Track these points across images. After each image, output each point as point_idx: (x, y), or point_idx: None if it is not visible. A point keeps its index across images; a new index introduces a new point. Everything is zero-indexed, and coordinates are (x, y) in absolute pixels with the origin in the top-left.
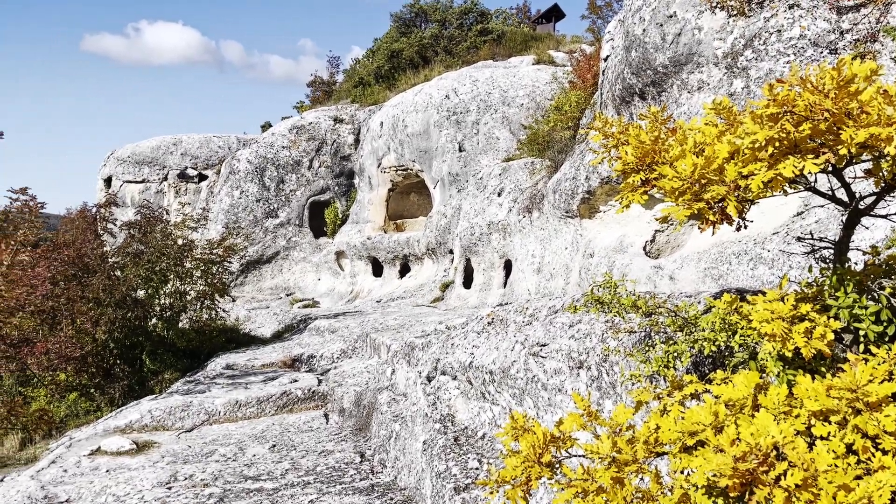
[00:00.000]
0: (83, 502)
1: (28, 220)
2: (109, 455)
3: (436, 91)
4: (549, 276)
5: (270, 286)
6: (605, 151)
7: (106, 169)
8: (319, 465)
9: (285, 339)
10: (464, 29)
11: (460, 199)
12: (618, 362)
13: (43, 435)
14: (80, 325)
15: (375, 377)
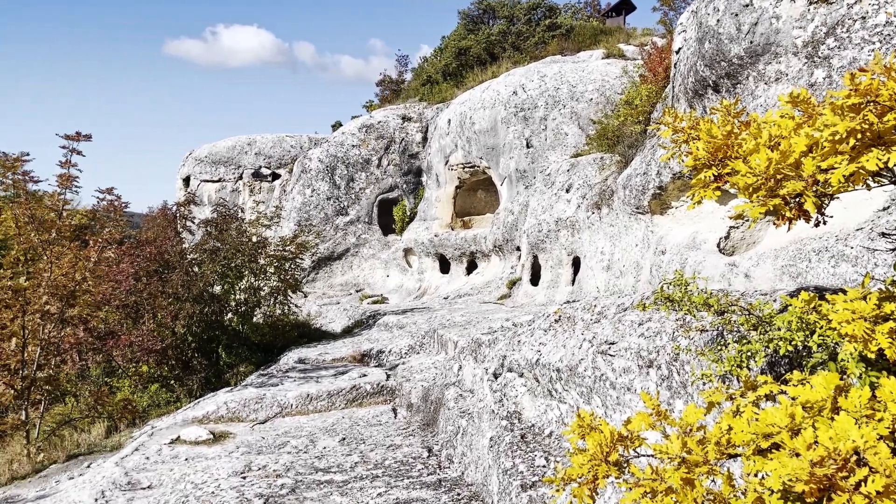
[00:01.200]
0: (164, 489)
1: (113, 219)
2: (188, 444)
3: (503, 87)
4: (618, 273)
5: (341, 282)
6: (675, 146)
7: (185, 169)
8: (388, 458)
9: (355, 334)
10: (532, 24)
11: (527, 196)
12: (689, 361)
13: (127, 424)
14: (160, 319)
15: (442, 373)
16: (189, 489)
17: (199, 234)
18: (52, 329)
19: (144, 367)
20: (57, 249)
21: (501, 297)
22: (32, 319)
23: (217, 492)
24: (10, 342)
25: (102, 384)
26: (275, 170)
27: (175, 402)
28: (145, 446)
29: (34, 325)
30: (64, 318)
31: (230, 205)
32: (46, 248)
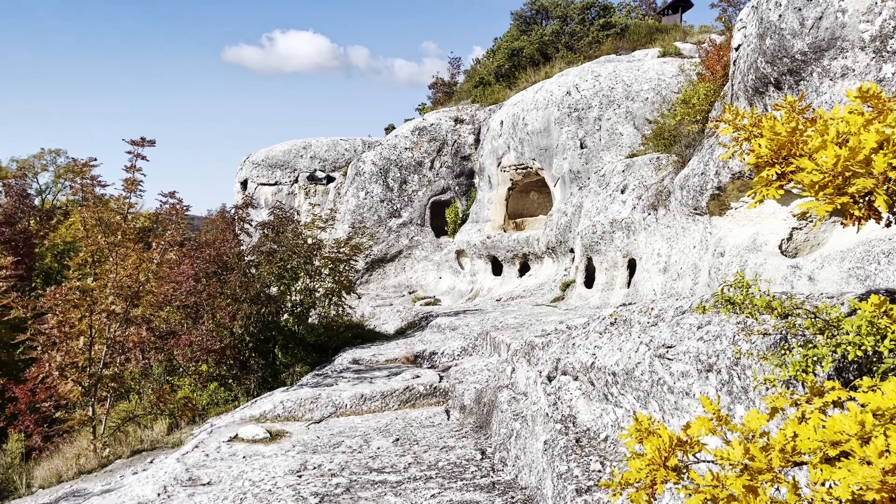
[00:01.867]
0: (223, 485)
1: (175, 222)
2: (246, 442)
3: (556, 88)
4: (675, 275)
5: (394, 284)
6: (735, 145)
7: (242, 172)
8: (441, 460)
9: (408, 335)
10: (585, 24)
11: (581, 197)
12: (750, 366)
13: (187, 421)
14: (219, 320)
15: (495, 375)
16: (247, 486)
17: (256, 236)
18: (117, 328)
19: (204, 367)
20: (122, 251)
21: (555, 299)
22: (99, 319)
23: (274, 489)
24: (79, 340)
25: (164, 382)
26: (329, 173)
27: (233, 400)
28: (205, 443)
29: (100, 325)
30: (128, 318)
31: (286, 207)
32: (112, 249)
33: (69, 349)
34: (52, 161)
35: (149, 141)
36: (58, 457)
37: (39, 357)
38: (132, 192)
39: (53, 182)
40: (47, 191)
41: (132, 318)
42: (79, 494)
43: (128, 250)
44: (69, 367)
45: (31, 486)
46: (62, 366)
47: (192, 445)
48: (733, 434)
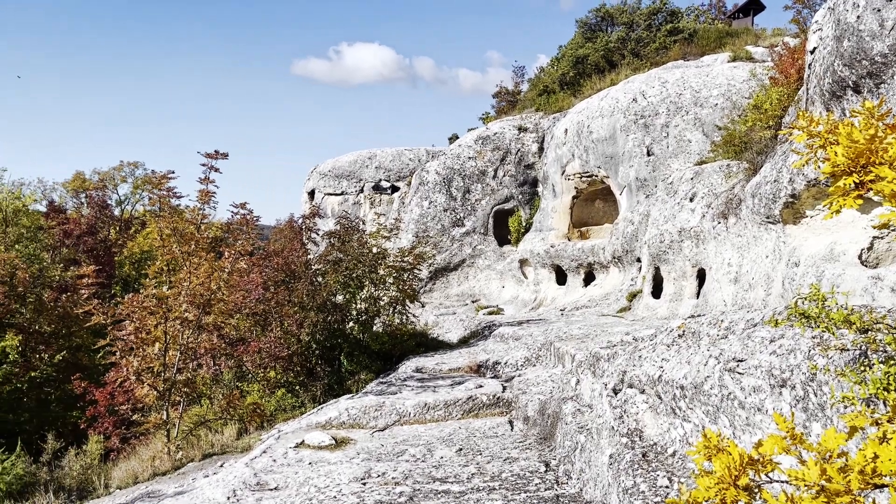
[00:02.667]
0: (289, 490)
1: (246, 232)
2: (311, 449)
3: (622, 95)
4: (747, 286)
5: (457, 293)
6: (810, 152)
7: (310, 182)
8: (504, 471)
9: (471, 344)
10: (652, 30)
11: (648, 206)
12: (827, 382)
13: (256, 426)
14: (286, 327)
15: (560, 386)
16: (313, 492)
17: (322, 245)
18: (190, 335)
19: (272, 373)
20: (195, 260)
21: (621, 309)
22: (173, 326)
23: (339, 496)
24: (154, 346)
25: (234, 388)
26: (394, 182)
27: (300, 407)
28: (272, 449)
29: (174, 331)
30: (200, 325)
31: (352, 217)
32: (186, 259)
33: (145, 354)
34: (130, 173)
35: (222, 154)
36: (134, 458)
37: (118, 362)
38: (206, 203)
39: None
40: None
41: (204, 325)
42: (153, 496)
43: (201, 259)
44: (145, 371)
45: (109, 486)
46: (139, 370)
47: (261, 451)
48: (809, 453)
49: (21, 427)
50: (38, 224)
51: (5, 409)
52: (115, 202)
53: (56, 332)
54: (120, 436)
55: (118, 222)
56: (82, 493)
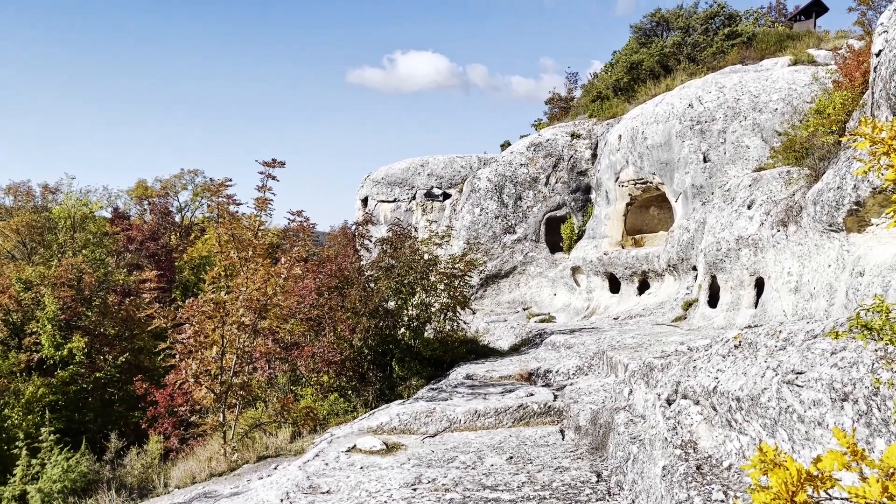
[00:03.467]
0: (340, 494)
1: (302, 239)
2: (363, 453)
3: (678, 100)
4: (808, 296)
5: (508, 300)
6: (872, 159)
7: (363, 190)
8: (555, 480)
9: (522, 352)
10: (709, 34)
11: (704, 213)
12: (891, 396)
13: (309, 430)
14: (339, 332)
15: (612, 396)
16: (364, 497)
17: (375, 251)
18: (246, 339)
19: (325, 378)
20: (252, 266)
21: (676, 318)
22: (230, 330)
23: (389, 501)
24: (212, 350)
25: (288, 392)
26: (446, 189)
27: (352, 411)
28: (325, 453)
29: (231, 335)
30: (256, 330)
31: (404, 224)
32: (244, 264)
33: (203, 358)
34: (190, 180)
35: (279, 162)
36: (192, 459)
37: (177, 364)
38: (263, 210)
39: (192, 200)
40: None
41: (260, 330)
42: (210, 496)
43: (257, 265)
44: (203, 374)
45: (168, 485)
46: (197, 373)
47: (313, 454)
48: (871, 470)
49: (86, 426)
50: (104, 230)
51: (72, 408)
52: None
53: (119, 335)
54: (179, 436)
55: (179, 228)
56: (143, 491)
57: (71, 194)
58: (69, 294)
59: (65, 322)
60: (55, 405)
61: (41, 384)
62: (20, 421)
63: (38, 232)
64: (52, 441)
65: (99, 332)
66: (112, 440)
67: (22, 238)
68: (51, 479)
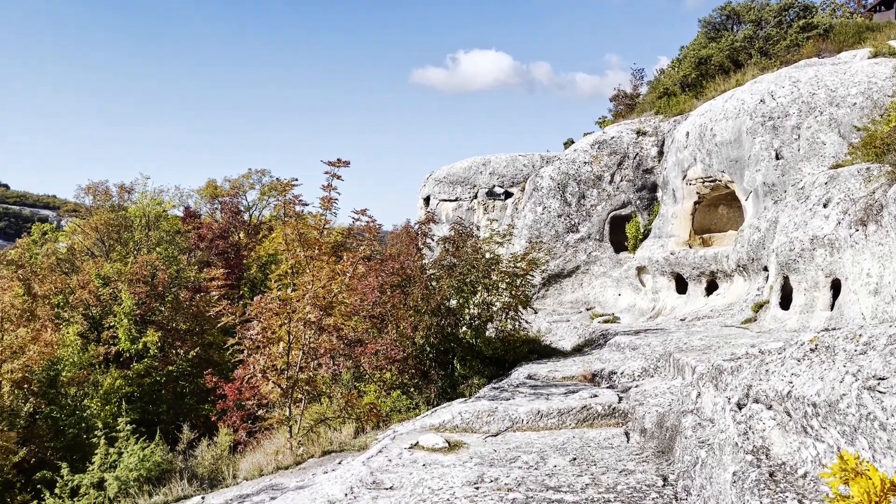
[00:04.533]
0: (404, 490)
1: (367, 238)
2: (425, 450)
3: (749, 96)
4: (889, 298)
5: (570, 300)
6: None
7: (425, 189)
8: (620, 483)
9: (585, 353)
10: (782, 27)
11: (776, 212)
12: None
13: (372, 426)
14: (402, 330)
15: (679, 399)
16: (426, 494)
17: (437, 250)
18: (312, 335)
19: (387, 375)
20: (318, 264)
21: (745, 320)
22: (296, 326)
23: (452, 499)
24: (278, 346)
25: (352, 388)
26: (507, 188)
27: (414, 408)
28: (388, 449)
29: (297, 332)
30: (321, 326)
31: (465, 223)
32: (309, 262)
33: (270, 353)
34: (258, 180)
35: (344, 162)
36: (259, 452)
37: (245, 359)
38: (328, 209)
39: (259, 199)
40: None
41: (324, 327)
42: (276, 488)
43: (323, 263)
44: (270, 369)
45: (237, 476)
46: (264, 368)
47: (377, 450)
48: None
49: (159, 417)
50: (176, 228)
51: (146, 399)
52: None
53: (190, 330)
54: (246, 429)
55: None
56: (213, 482)
57: (145, 194)
58: (144, 290)
59: (140, 317)
60: (131, 396)
61: (118, 376)
62: (99, 411)
63: (116, 230)
64: (128, 431)
65: (171, 326)
66: (184, 431)
67: (100, 236)
68: (127, 468)
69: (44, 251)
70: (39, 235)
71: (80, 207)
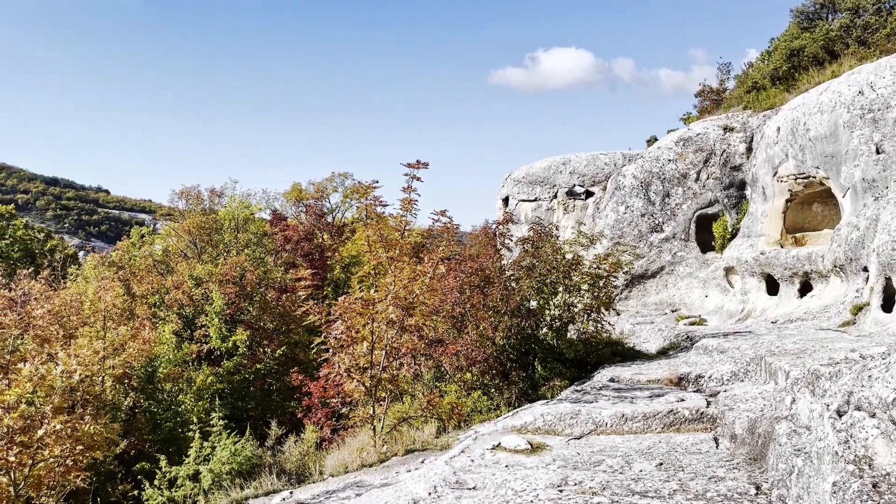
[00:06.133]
0: (486, 491)
1: (446, 239)
2: (508, 452)
3: (845, 88)
4: None
5: (654, 301)
6: None
7: (504, 189)
8: (710, 490)
9: (670, 356)
10: (882, 15)
11: (877, 209)
12: None
13: (453, 426)
14: (482, 331)
15: (771, 405)
16: (510, 495)
17: (516, 251)
18: (394, 335)
19: (468, 375)
20: (399, 265)
21: (843, 323)
22: (379, 326)
23: (535, 501)
24: (361, 345)
25: (433, 388)
26: (588, 188)
27: (495, 409)
28: (470, 449)
29: (380, 332)
30: (403, 326)
31: (545, 223)
32: (391, 263)
33: (354, 352)
34: (340, 183)
35: (423, 163)
36: (344, 449)
37: (330, 358)
38: (408, 210)
39: (342, 202)
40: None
41: (406, 327)
42: (361, 485)
43: (404, 264)
44: (354, 368)
45: (323, 473)
46: (348, 367)
47: (459, 450)
48: None
49: (247, 413)
50: (263, 230)
51: (235, 396)
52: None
53: (277, 329)
54: (331, 427)
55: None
56: (300, 477)
57: (234, 197)
58: (233, 290)
59: (230, 316)
60: (222, 393)
61: (210, 373)
62: (192, 406)
63: (207, 232)
64: (220, 426)
65: (259, 326)
66: (273, 428)
67: (193, 238)
68: (220, 461)
69: (141, 253)
70: (137, 238)
71: (174, 211)
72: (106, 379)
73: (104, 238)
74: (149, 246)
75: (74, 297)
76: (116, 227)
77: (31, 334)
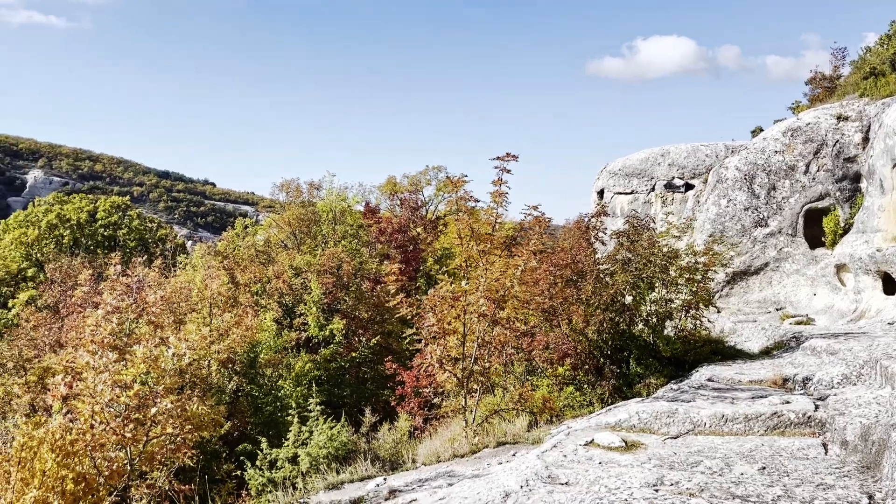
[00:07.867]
0: (579, 487)
1: (538, 233)
2: (601, 448)
3: None
4: None
5: (758, 299)
6: None
7: (599, 182)
8: (817, 498)
9: (774, 356)
10: None
11: None
12: None
13: (545, 420)
14: (574, 325)
15: (887, 410)
16: (603, 492)
17: (611, 244)
18: (485, 328)
19: (560, 370)
20: (490, 258)
21: None
22: (470, 319)
23: (629, 500)
24: (453, 337)
25: (525, 381)
26: (688, 180)
27: (588, 405)
28: (562, 444)
29: (471, 324)
30: (495, 319)
31: (641, 216)
32: (482, 257)
33: (445, 344)
34: (434, 176)
35: (513, 156)
36: (436, 438)
37: (422, 349)
38: (499, 203)
39: (435, 195)
40: (430, 202)
41: (498, 319)
42: (452, 475)
43: (495, 257)
44: (446, 359)
45: (416, 461)
46: (440, 358)
47: (551, 445)
48: None
49: (342, 400)
50: (359, 223)
51: (331, 383)
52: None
53: (372, 319)
54: (423, 416)
55: (424, 221)
56: (394, 464)
57: (332, 190)
58: (331, 280)
59: (327, 305)
60: (319, 380)
61: (308, 360)
62: (291, 391)
63: (306, 224)
64: (318, 411)
65: (355, 315)
66: (367, 415)
67: (293, 229)
68: (317, 445)
69: (245, 243)
70: (241, 229)
71: (274, 203)
72: (212, 363)
73: (210, 228)
74: (251, 237)
75: (184, 284)
76: (221, 219)
77: (145, 319)
